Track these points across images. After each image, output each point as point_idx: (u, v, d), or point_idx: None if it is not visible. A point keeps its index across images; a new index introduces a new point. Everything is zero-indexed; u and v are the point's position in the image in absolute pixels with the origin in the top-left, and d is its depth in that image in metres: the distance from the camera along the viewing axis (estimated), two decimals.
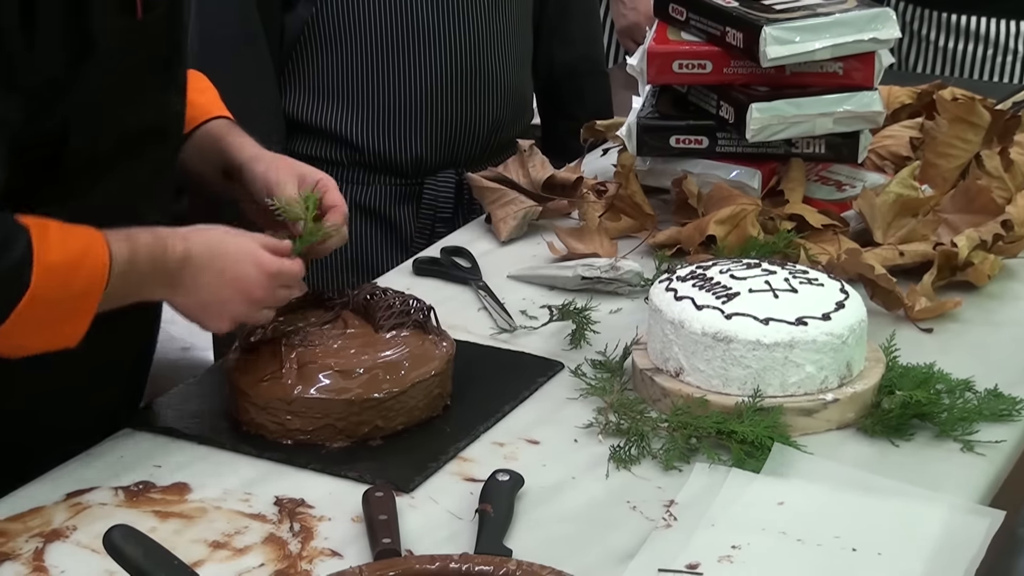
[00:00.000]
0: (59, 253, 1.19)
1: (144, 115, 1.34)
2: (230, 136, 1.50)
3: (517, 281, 1.74)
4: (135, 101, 1.32)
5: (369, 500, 1.21)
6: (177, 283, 1.28)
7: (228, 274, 1.29)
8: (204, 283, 1.29)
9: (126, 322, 1.31)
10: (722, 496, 1.24)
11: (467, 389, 1.43)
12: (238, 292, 1.30)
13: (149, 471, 1.29)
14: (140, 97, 1.33)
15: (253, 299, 1.31)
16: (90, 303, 1.22)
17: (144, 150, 1.36)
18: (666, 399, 1.38)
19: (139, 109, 1.33)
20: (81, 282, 1.21)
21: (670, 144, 1.85)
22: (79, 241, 1.22)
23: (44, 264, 1.18)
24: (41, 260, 1.17)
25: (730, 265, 1.46)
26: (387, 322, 1.41)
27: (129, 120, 1.32)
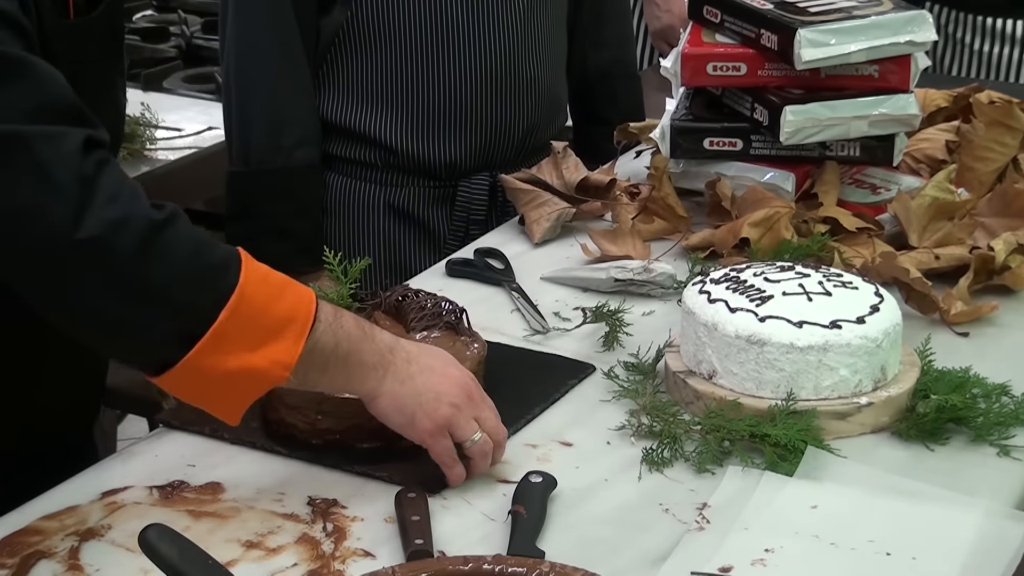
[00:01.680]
0: (265, 270, 1.12)
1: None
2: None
3: (550, 283, 1.74)
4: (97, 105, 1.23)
5: (402, 501, 1.21)
6: (388, 364, 1.17)
7: (440, 369, 1.19)
8: (417, 371, 1.18)
9: None
10: (755, 499, 1.23)
11: (499, 390, 1.41)
12: (454, 385, 1.20)
13: (183, 470, 1.30)
14: (103, 100, 1.28)
15: (469, 395, 1.21)
16: (299, 325, 1.10)
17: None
18: (699, 402, 1.37)
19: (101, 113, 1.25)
20: (288, 302, 1.11)
21: (704, 146, 1.84)
22: (284, 276, 1.14)
23: (252, 268, 1.10)
24: (249, 264, 1.10)
25: (764, 268, 1.45)
26: (418, 323, 1.41)
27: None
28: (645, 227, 1.84)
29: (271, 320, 1.08)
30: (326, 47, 1.97)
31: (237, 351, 1.07)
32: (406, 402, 1.19)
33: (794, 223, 1.72)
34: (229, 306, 1.06)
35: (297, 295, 1.12)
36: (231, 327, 1.06)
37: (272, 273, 1.12)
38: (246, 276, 1.08)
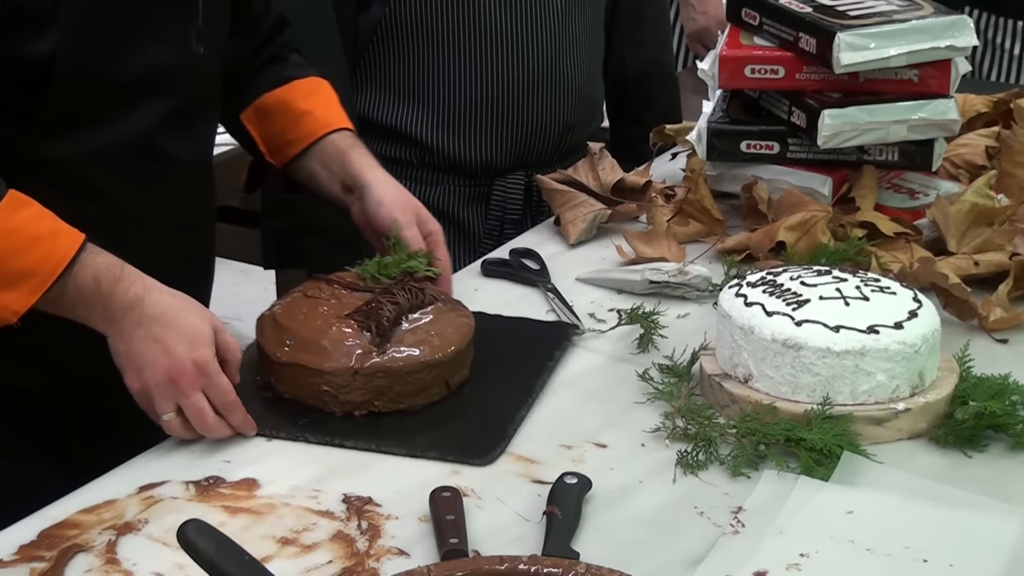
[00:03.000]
0: (20, 224, 1.23)
1: (148, 58, 1.36)
2: (353, 152, 1.60)
3: (585, 284, 1.74)
4: (137, 40, 1.34)
5: (436, 500, 1.21)
6: (115, 320, 1.28)
7: (163, 344, 1.27)
8: (139, 336, 1.27)
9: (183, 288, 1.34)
10: (790, 504, 1.22)
11: (490, 357, 1.49)
12: (163, 367, 1.28)
13: (219, 466, 1.30)
14: (143, 36, 1.35)
15: (173, 381, 1.28)
16: (34, 283, 1.23)
17: (144, 99, 1.38)
18: (734, 405, 1.37)
19: (142, 50, 1.35)
20: (31, 259, 1.23)
21: (740, 149, 1.83)
22: (47, 227, 1.24)
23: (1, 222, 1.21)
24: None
25: (800, 272, 1.45)
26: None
27: (128, 62, 1.34)
28: (680, 229, 1.84)
29: (4, 271, 1.23)
30: (363, 44, 1.97)
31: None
32: (120, 358, 1.30)
33: (831, 227, 1.72)
34: None
35: (47, 252, 1.23)
36: None
37: (28, 229, 1.23)
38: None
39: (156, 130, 1.40)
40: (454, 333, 1.43)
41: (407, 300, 1.43)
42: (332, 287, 1.48)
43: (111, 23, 1.32)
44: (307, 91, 1.64)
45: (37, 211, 1.26)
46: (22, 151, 1.31)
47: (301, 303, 1.46)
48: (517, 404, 1.40)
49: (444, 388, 1.41)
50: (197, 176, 1.52)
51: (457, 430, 1.37)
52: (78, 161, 1.35)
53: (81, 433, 1.47)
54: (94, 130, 1.35)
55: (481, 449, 1.32)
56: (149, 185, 1.43)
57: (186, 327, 1.29)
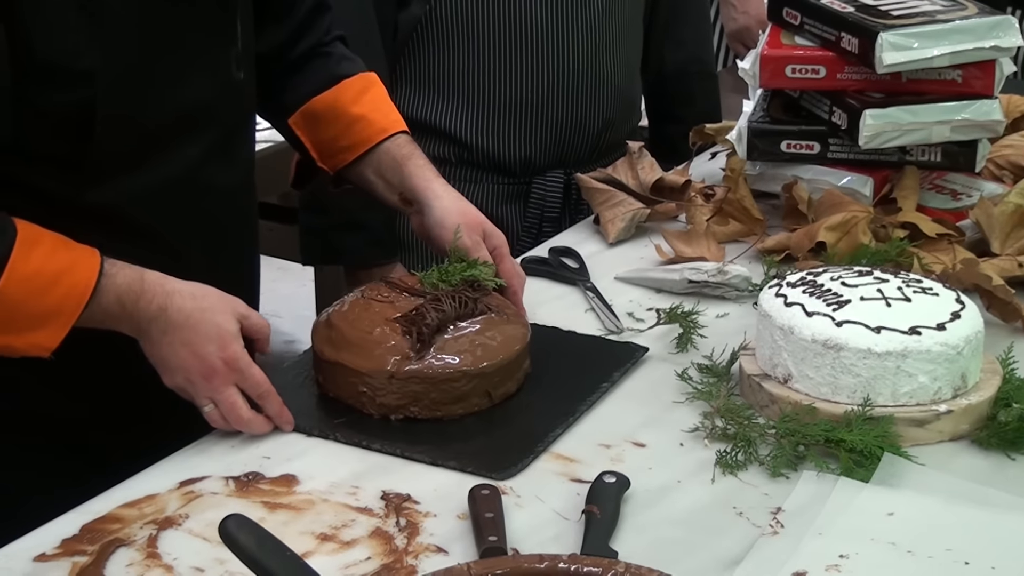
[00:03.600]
0: (38, 264, 1.24)
1: (189, 93, 1.36)
2: (411, 163, 1.56)
3: (624, 283, 1.74)
4: (176, 76, 1.34)
5: (475, 497, 1.21)
6: (143, 332, 1.31)
7: (191, 347, 1.30)
8: (167, 342, 1.30)
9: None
10: (830, 505, 1.22)
11: (552, 376, 1.47)
12: (195, 368, 1.31)
13: (259, 462, 1.31)
14: (183, 71, 1.34)
15: (205, 379, 1.31)
16: (63, 319, 1.26)
17: (187, 135, 1.37)
18: (774, 405, 1.37)
19: (183, 85, 1.35)
20: (57, 296, 1.25)
21: (781, 149, 1.83)
22: (65, 259, 1.26)
23: (17, 270, 1.22)
24: (16, 265, 1.22)
25: (841, 272, 1.44)
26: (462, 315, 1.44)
27: (169, 100, 1.34)
28: (720, 229, 1.83)
29: (31, 314, 1.24)
30: (403, 42, 1.98)
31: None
32: (153, 361, 1.32)
33: (872, 228, 1.71)
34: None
35: (70, 287, 1.25)
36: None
37: (47, 268, 1.24)
38: (8, 276, 1.22)
39: (201, 163, 1.40)
40: (500, 345, 1.41)
41: (453, 308, 1.42)
42: (391, 290, 1.48)
43: (148, 63, 1.32)
44: (358, 91, 1.60)
45: (50, 244, 1.27)
46: (70, 199, 1.32)
47: (357, 303, 1.46)
48: (555, 422, 1.37)
49: (486, 399, 1.40)
50: (240, 198, 1.52)
51: (486, 442, 1.35)
52: (125, 203, 1.36)
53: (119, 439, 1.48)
54: (140, 171, 1.35)
55: (501, 463, 1.30)
56: (195, 217, 1.43)
57: (212, 329, 1.30)
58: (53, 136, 1.28)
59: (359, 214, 1.96)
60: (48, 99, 1.26)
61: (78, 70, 1.26)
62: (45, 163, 1.30)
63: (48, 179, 1.31)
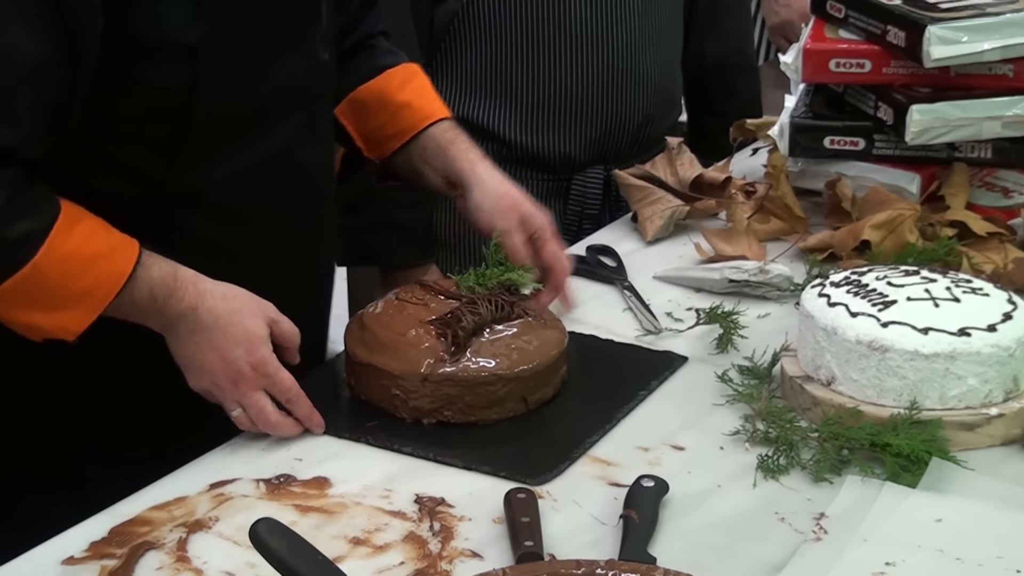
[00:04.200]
0: (77, 245, 1.24)
1: (283, 72, 1.37)
2: (455, 147, 1.57)
3: (663, 282, 1.72)
4: (272, 55, 1.35)
5: (511, 501, 1.20)
6: (171, 329, 1.31)
7: (219, 351, 1.31)
8: (195, 343, 1.31)
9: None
10: (875, 511, 1.20)
11: (592, 384, 1.46)
12: (222, 372, 1.31)
13: (290, 464, 1.31)
14: (278, 50, 1.36)
15: (233, 384, 1.32)
16: (94, 303, 1.26)
17: (279, 115, 1.39)
18: (817, 408, 1.35)
19: (277, 64, 1.36)
20: (90, 280, 1.26)
21: (824, 145, 1.82)
22: (103, 243, 1.26)
23: (55, 248, 1.23)
24: (54, 243, 1.23)
25: (887, 272, 1.43)
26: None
27: (266, 79, 1.36)
28: (761, 227, 1.82)
29: (64, 293, 1.25)
30: (439, 37, 1.97)
31: (25, 309, 1.25)
32: (178, 360, 1.33)
33: (919, 226, 1.69)
34: (16, 279, 1.22)
35: (105, 272, 1.26)
36: (17, 292, 1.23)
37: (85, 248, 1.25)
38: (46, 252, 1.22)
39: (290, 144, 1.41)
40: (537, 350, 1.41)
41: (489, 312, 1.42)
42: (426, 292, 1.47)
43: (246, 41, 1.33)
44: (402, 80, 1.61)
45: (91, 225, 1.27)
46: (163, 180, 1.33)
47: (391, 305, 1.46)
48: (591, 429, 1.36)
49: (521, 404, 1.39)
50: (323, 179, 1.53)
51: (520, 448, 1.34)
52: (217, 186, 1.37)
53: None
54: (233, 153, 1.36)
55: (537, 468, 1.29)
56: (283, 199, 1.44)
57: (240, 333, 1.31)
58: (152, 116, 1.30)
59: (396, 214, 1.95)
60: (149, 77, 1.27)
61: (180, 46, 1.27)
62: (141, 143, 1.31)
63: (143, 160, 1.32)
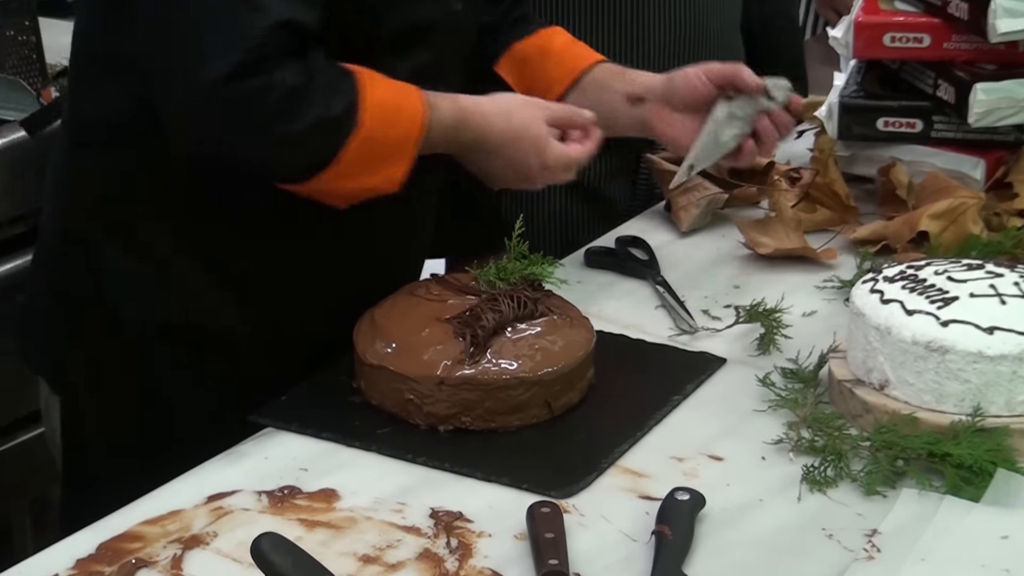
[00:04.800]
0: (382, 93, 1.42)
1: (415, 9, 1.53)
2: (629, 71, 1.73)
3: (699, 273, 1.72)
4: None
5: (535, 516, 1.21)
6: (468, 155, 1.55)
7: (512, 162, 1.54)
8: (488, 160, 1.55)
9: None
10: (934, 527, 1.21)
11: (618, 387, 1.47)
12: (519, 176, 1.55)
13: (295, 475, 1.32)
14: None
15: (531, 182, 1.57)
16: (410, 147, 1.44)
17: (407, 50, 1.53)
18: (868, 415, 1.36)
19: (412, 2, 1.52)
20: (403, 125, 1.44)
21: (877, 127, 1.82)
22: (394, 88, 1.44)
23: (372, 101, 1.40)
24: (368, 98, 1.40)
25: (947, 266, 1.43)
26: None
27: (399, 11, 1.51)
28: (806, 217, 1.83)
29: (384, 148, 1.43)
30: None
31: (356, 176, 1.42)
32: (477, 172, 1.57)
33: (983, 216, 1.69)
34: (350, 147, 1.39)
35: (409, 118, 1.44)
36: (348, 163, 1.40)
37: (388, 100, 1.43)
38: (364, 116, 1.39)
39: (413, 81, 1.49)
40: (562, 351, 1.41)
41: (512, 309, 1.42)
42: (442, 288, 1.48)
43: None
44: (558, 34, 1.77)
45: (373, 74, 1.43)
46: None
47: (404, 302, 1.47)
48: (621, 437, 1.37)
49: (545, 410, 1.40)
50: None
51: (544, 457, 1.35)
52: None
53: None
54: None
55: (563, 480, 1.30)
56: None
57: (527, 147, 1.52)
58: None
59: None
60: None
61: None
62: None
63: None
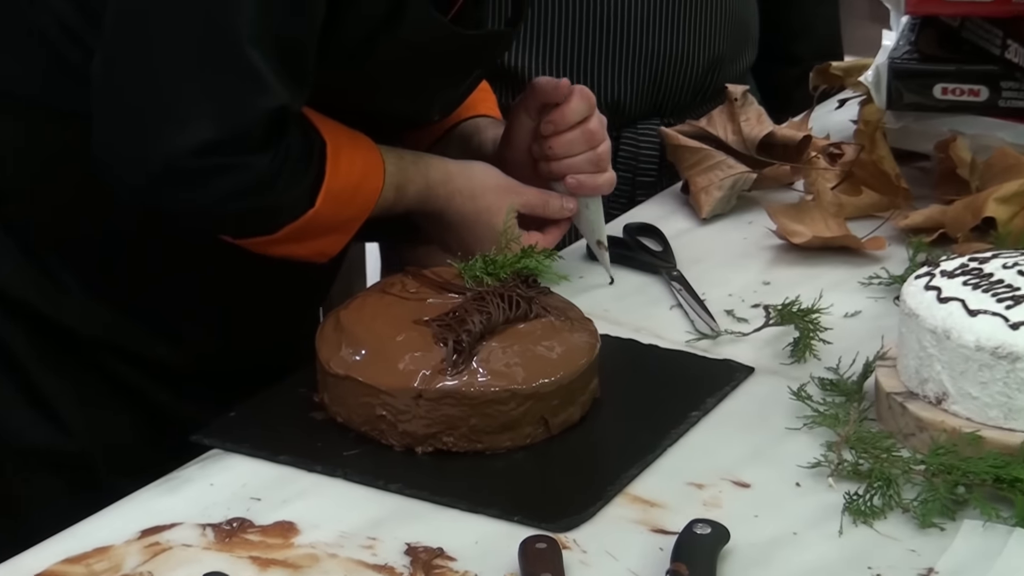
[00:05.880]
0: (344, 178, 1.52)
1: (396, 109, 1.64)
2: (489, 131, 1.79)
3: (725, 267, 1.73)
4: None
5: (528, 553, 1.22)
6: (426, 222, 1.65)
7: (466, 244, 1.61)
8: (445, 233, 1.65)
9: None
10: (1002, 564, 1.21)
11: (624, 401, 1.48)
12: (481, 247, 1.58)
13: (246, 505, 1.32)
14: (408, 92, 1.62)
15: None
16: (353, 226, 1.56)
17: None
18: (923, 433, 1.36)
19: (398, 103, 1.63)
20: (355, 208, 1.55)
21: (934, 95, 1.83)
22: (361, 164, 1.54)
23: (330, 188, 1.50)
24: (328, 185, 1.50)
25: (1018, 258, 1.43)
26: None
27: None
28: (849, 200, 1.83)
29: (326, 228, 1.54)
30: None
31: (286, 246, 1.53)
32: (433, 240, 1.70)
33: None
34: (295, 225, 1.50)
35: (363, 201, 1.55)
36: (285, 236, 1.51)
37: (348, 184, 1.52)
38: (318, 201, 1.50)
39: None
40: (561, 359, 1.42)
41: (502, 310, 1.43)
42: (420, 284, 1.49)
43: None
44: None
45: (346, 146, 1.53)
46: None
47: (374, 301, 1.47)
48: (630, 460, 1.37)
49: (541, 428, 1.40)
50: None
51: (540, 484, 1.36)
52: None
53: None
54: None
55: (561, 510, 1.30)
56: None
57: (489, 232, 1.61)
58: None
59: None
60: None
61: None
62: None
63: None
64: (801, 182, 1.89)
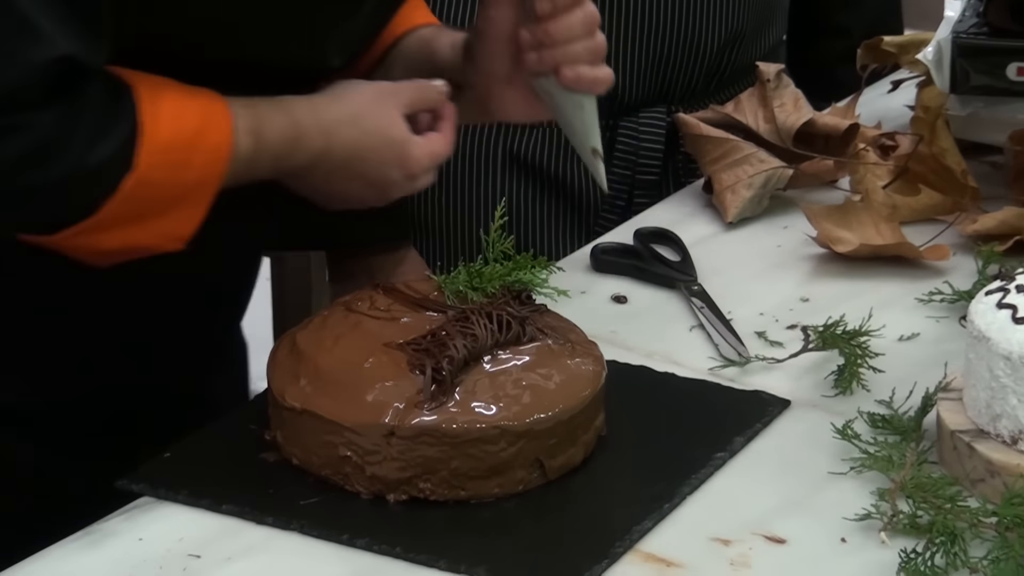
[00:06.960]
0: (171, 127, 1.44)
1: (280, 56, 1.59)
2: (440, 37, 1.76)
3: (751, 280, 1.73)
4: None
5: None
6: (303, 176, 1.58)
7: (368, 176, 1.59)
8: (336, 179, 1.59)
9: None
10: None
11: (636, 440, 1.49)
12: (373, 190, 1.60)
13: (183, 563, 1.31)
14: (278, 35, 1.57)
15: (386, 197, 1.61)
16: (206, 191, 1.48)
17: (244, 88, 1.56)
18: (995, 479, 1.37)
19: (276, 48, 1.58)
20: (198, 168, 1.47)
21: (1007, 76, 1.83)
22: (196, 111, 1.47)
23: (154, 140, 1.43)
24: (148, 137, 1.43)
25: None
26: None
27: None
28: (904, 201, 1.84)
29: (165, 199, 1.47)
30: None
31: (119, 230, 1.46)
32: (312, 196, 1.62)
33: None
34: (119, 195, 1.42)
35: (208, 156, 1.48)
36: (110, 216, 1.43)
37: (178, 134, 1.46)
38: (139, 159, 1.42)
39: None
40: (560, 390, 1.42)
41: (490, 333, 1.43)
42: (392, 300, 1.49)
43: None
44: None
45: (172, 96, 1.47)
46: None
47: (337, 321, 1.48)
48: (642, 511, 1.38)
49: (537, 472, 1.41)
50: None
51: (535, 539, 1.35)
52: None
53: None
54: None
55: (560, 571, 1.30)
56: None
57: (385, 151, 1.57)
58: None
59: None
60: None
61: None
62: None
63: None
64: (846, 179, 1.89)
